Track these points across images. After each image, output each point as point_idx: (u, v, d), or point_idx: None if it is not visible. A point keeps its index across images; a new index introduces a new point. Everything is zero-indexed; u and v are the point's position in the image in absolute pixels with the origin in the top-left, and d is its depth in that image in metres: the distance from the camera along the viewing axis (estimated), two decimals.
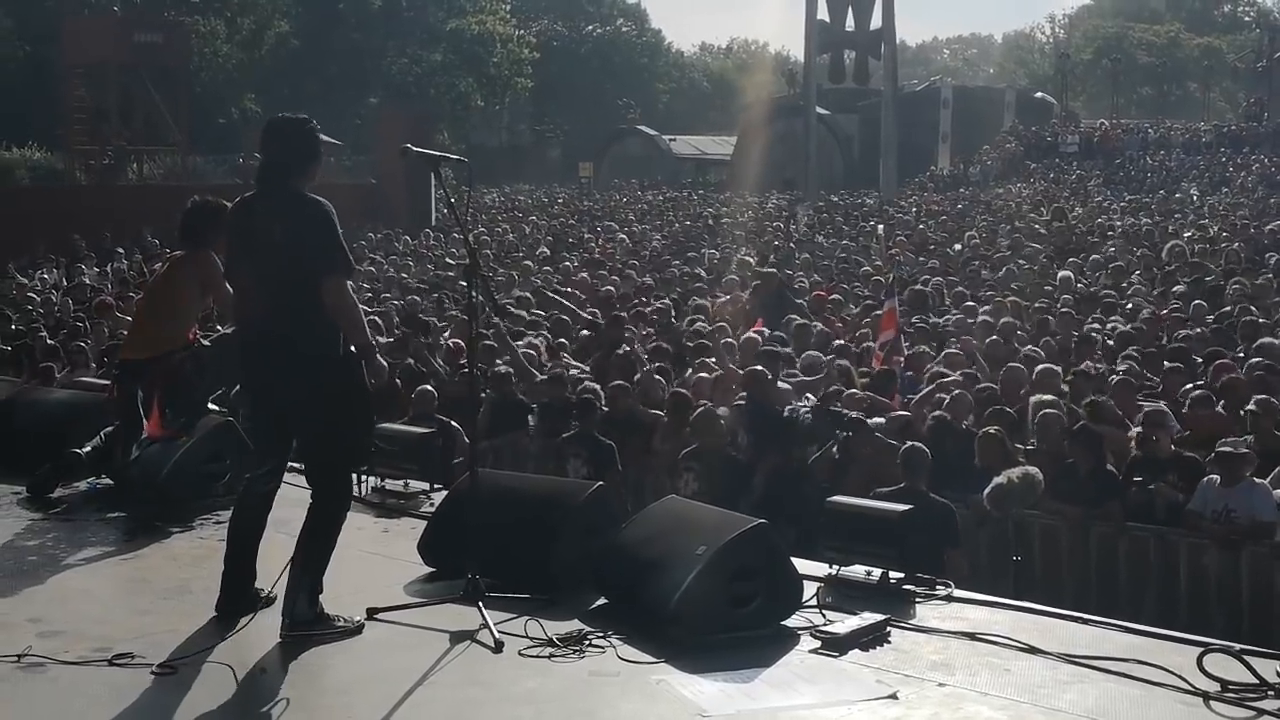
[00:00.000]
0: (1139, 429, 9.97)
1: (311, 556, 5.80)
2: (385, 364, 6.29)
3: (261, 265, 5.84)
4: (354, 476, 7.13)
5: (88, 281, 22.37)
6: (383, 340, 13.41)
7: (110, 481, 8.37)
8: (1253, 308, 15.07)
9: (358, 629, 5.88)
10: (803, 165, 52.70)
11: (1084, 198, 40.65)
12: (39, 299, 19.68)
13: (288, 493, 6.28)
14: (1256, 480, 8.95)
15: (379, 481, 8.41)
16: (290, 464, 6.25)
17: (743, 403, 10.70)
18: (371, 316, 13.68)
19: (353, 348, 5.81)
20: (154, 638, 5.74)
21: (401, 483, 8.45)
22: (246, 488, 6.15)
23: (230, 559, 6.04)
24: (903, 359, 12.49)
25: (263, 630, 5.75)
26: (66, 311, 17.91)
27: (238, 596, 5.98)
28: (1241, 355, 12.35)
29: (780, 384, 11.18)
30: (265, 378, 5.95)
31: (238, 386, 7.71)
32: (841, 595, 6.31)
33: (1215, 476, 8.99)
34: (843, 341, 13.79)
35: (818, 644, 5.73)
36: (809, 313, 15.63)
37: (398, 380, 11.46)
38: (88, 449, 8.35)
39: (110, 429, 8.32)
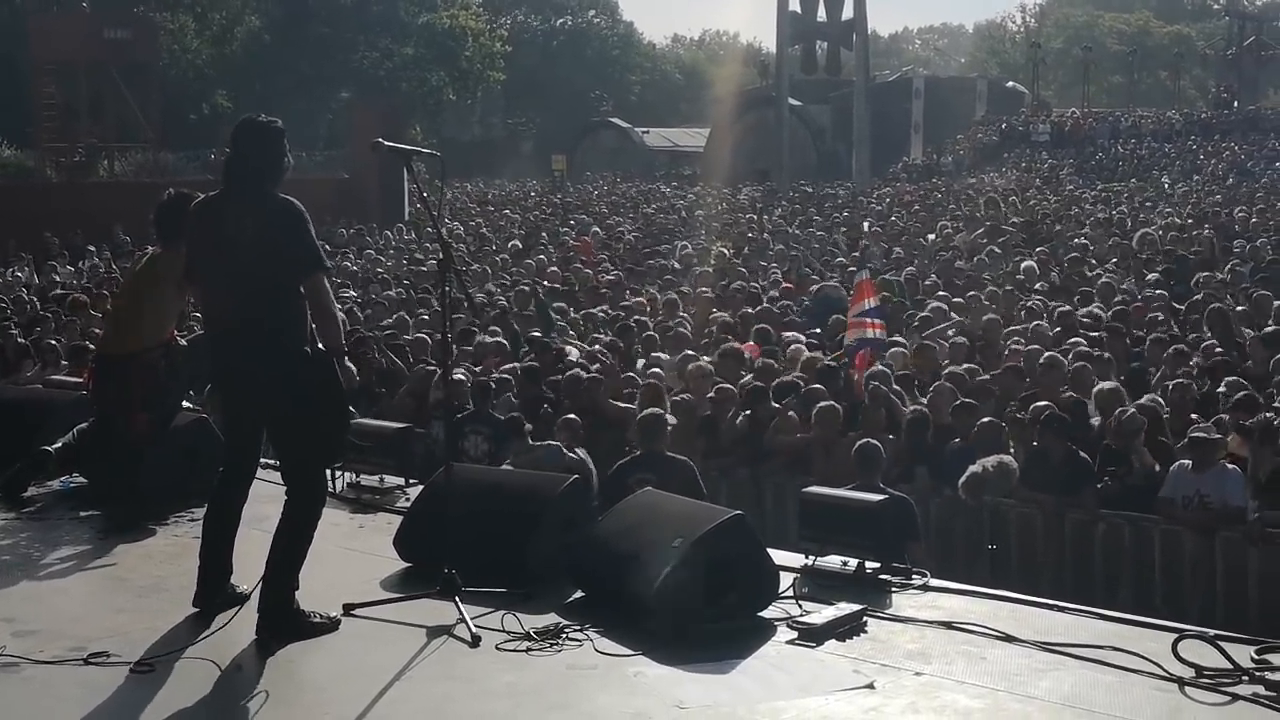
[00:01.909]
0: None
1: (287, 553, 5.77)
2: (354, 367, 6.28)
3: (232, 264, 5.77)
4: (329, 473, 7.10)
5: (59, 279, 22.22)
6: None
7: (84, 479, 8.33)
8: (1226, 297, 15.13)
9: (334, 625, 5.86)
10: (776, 156, 52.79)
11: (1056, 186, 40.81)
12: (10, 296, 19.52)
13: (263, 489, 6.27)
14: (1228, 465, 9.00)
15: (354, 477, 8.38)
16: (266, 461, 6.23)
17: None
18: (349, 306, 13.63)
19: (321, 345, 5.80)
20: (130, 636, 5.71)
21: (376, 478, 8.43)
22: (220, 484, 6.11)
23: (205, 556, 6.01)
24: (883, 326, 12.52)
25: (239, 627, 5.72)
26: (30, 308, 17.72)
27: (214, 593, 5.96)
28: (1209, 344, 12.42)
29: None
30: (238, 375, 5.91)
31: (210, 384, 7.68)
32: (818, 586, 6.30)
33: (1187, 462, 9.03)
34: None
35: (794, 635, 5.74)
36: None
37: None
38: (59, 445, 8.29)
39: (83, 426, 8.26)
